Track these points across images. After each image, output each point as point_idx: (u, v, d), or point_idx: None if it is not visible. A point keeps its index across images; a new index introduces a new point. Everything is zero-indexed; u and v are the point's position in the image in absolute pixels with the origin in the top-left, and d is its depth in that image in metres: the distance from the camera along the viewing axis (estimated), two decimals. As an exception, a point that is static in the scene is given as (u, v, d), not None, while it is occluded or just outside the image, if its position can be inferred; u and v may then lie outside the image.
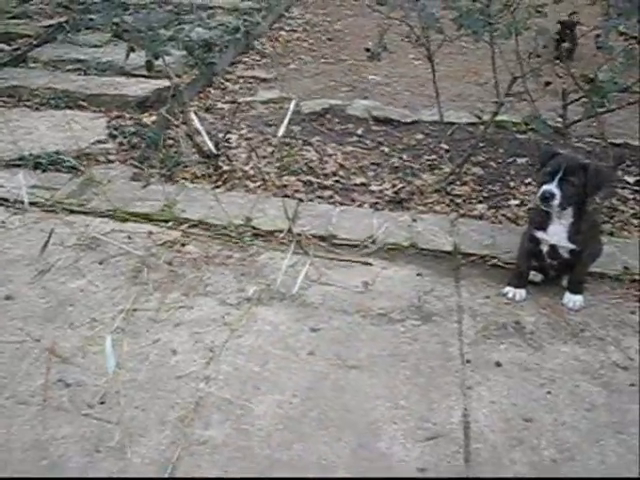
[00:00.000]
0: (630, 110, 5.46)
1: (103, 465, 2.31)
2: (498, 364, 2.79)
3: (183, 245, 3.43)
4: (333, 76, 6.05)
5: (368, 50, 4.09)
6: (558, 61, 4.90)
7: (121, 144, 4.53)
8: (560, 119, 4.30)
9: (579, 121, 4.17)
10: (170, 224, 3.56)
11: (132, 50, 3.94)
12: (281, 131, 3.45)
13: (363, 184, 4.24)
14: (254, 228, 3.55)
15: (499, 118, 4.79)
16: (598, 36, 3.56)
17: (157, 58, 3.83)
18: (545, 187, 3.02)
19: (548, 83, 4.08)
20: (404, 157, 4.58)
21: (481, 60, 6.09)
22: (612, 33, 3.79)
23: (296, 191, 4.12)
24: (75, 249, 3.39)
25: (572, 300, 3.18)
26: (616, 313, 3.16)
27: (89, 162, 4.24)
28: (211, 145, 3.59)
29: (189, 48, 3.94)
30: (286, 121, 3.38)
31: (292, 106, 3.59)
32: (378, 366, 2.74)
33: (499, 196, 4.22)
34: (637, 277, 3.38)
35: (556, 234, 3.14)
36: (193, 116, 3.51)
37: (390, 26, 4.20)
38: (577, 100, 4.18)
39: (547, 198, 3.00)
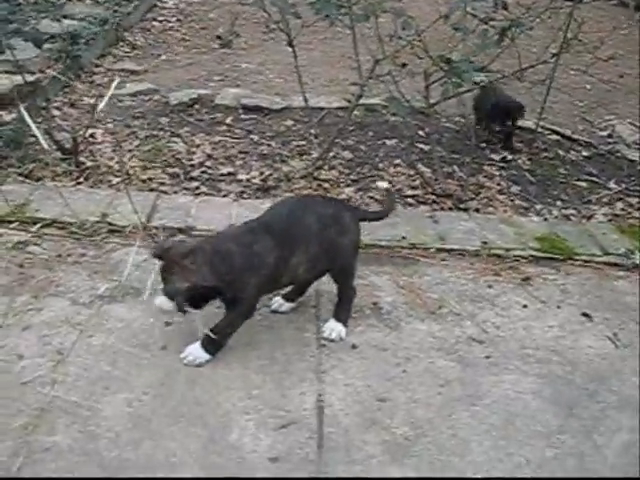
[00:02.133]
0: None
1: (-63, 482, 2.19)
2: (354, 346, 2.79)
3: (35, 245, 3.30)
4: (205, 66, 5.97)
5: (219, 37, 4.02)
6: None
7: (-25, 143, 4.33)
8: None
9: (439, 102, 4.20)
10: (22, 225, 3.42)
11: (-29, 43, 3.76)
12: (101, 106, 3.36)
13: (230, 173, 4.19)
14: (110, 224, 3.45)
15: (369, 101, 4.82)
16: (447, 17, 3.60)
17: (2, 52, 3.67)
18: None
19: (404, 65, 4.12)
20: (273, 144, 4.55)
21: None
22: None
23: (161, 184, 4.03)
24: None
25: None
26: (473, 288, 3.22)
27: (-60, 165, 4.05)
28: (44, 142, 3.45)
29: (36, 41, 3.77)
30: (107, 97, 3.29)
31: (115, 83, 3.52)
32: (232, 357, 2.70)
33: (367, 178, 4.24)
34: (495, 251, 3.45)
35: None
36: (22, 110, 3.33)
37: (244, 13, 4.14)
38: (438, 81, 4.22)
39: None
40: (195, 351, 2.67)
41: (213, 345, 2.67)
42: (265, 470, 2.27)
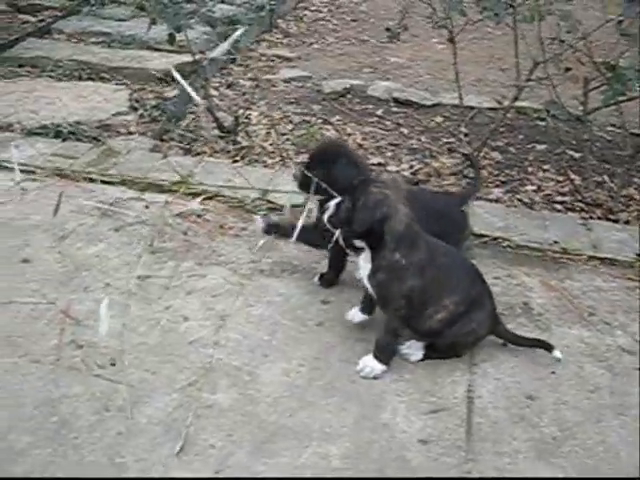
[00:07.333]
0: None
1: (111, 424, 2.36)
2: (504, 344, 2.81)
3: (199, 216, 3.47)
4: (356, 57, 6.07)
5: (389, 30, 4.10)
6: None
7: (142, 116, 4.59)
8: (581, 106, 4.28)
9: (599, 109, 4.13)
10: (187, 195, 3.60)
11: (154, 22, 3.98)
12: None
13: (380, 164, 4.26)
14: (270, 202, 3.59)
15: (520, 104, 4.78)
16: (620, 22, 3.54)
17: (179, 31, 3.87)
18: None
19: (568, 69, 4.06)
20: (423, 139, 4.60)
21: (506, 46, 5.99)
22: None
23: (314, 169, 4.14)
24: (93, 216, 3.44)
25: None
26: (626, 299, 3.16)
27: (110, 133, 4.31)
28: (198, 99, 3.39)
29: (211, 23, 3.96)
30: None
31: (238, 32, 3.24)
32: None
33: (516, 181, 4.23)
34: (649, 263, 3.39)
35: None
36: (184, 84, 3.39)
37: (414, 7, 4.19)
38: (598, 87, 4.15)
39: None
40: (370, 362, 2.65)
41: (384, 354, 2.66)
42: (416, 451, 2.33)
